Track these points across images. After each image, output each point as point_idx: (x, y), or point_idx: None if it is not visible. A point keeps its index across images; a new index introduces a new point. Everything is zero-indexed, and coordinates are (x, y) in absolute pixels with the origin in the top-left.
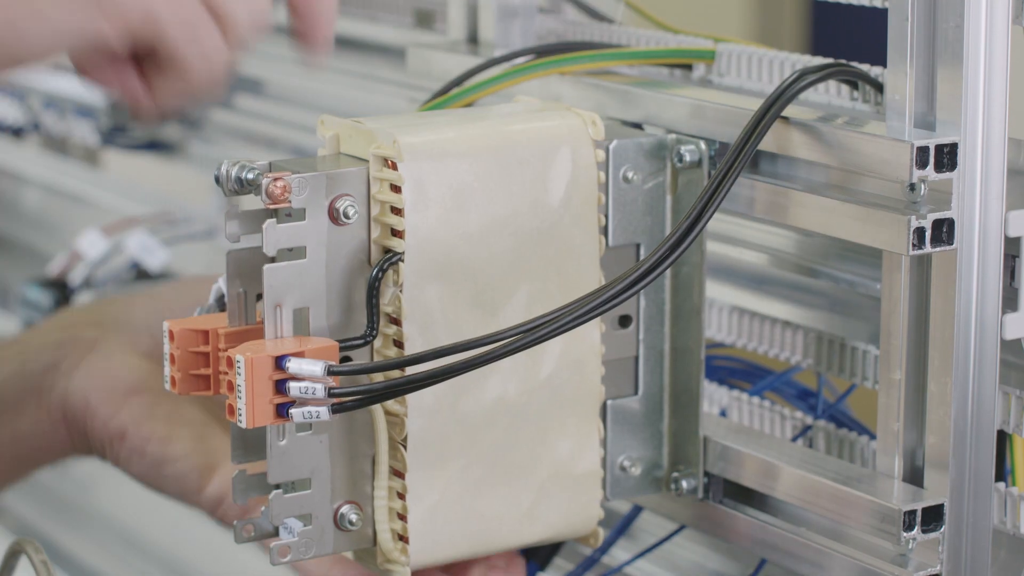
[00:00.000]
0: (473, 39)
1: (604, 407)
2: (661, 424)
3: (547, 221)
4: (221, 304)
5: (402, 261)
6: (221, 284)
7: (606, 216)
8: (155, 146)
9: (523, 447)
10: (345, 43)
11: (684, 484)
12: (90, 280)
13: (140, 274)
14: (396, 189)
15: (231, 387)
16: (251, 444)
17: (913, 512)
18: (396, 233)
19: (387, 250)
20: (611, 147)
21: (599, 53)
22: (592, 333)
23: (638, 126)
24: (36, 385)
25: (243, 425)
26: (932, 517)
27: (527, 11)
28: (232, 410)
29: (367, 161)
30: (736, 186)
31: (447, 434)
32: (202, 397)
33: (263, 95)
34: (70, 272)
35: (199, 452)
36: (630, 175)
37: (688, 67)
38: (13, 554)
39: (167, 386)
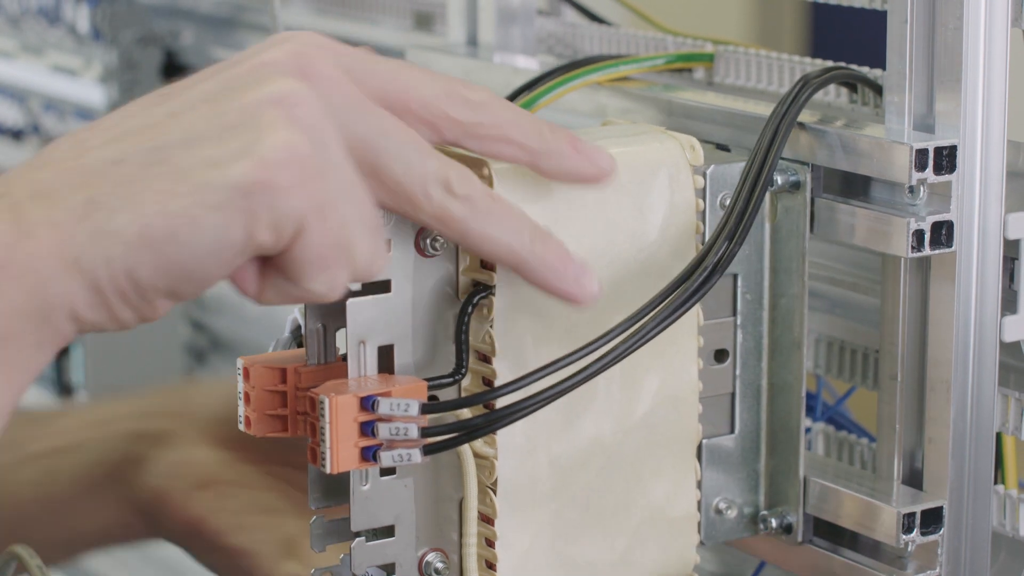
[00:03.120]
0: (473, 41)
1: (699, 447)
2: (758, 464)
3: (644, 251)
4: (297, 336)
5: (493, 295)
6: (297, 315)
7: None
8: None
9: (617, 490)
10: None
11: (773, 523)
12: None
13: None
14: None
15: (313, 430)
16: (330, 488)
17: (912, 514)
18: (486, 265)
19: (477, 283)
20: (708, 172)
21: (605, 64)
22: (689, 368)
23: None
24: (113, 477)
25: (327, 471)
26: (931, 519)
27: (526, 14)
28: (315, 455)
29: None
30: None
31: (539, 477)
32: (276, 480)
33: None
34: None
35: (273, 542)
36: (727, 202)
37: (688, 70)
38: (7, 562)
39: (241, 426)
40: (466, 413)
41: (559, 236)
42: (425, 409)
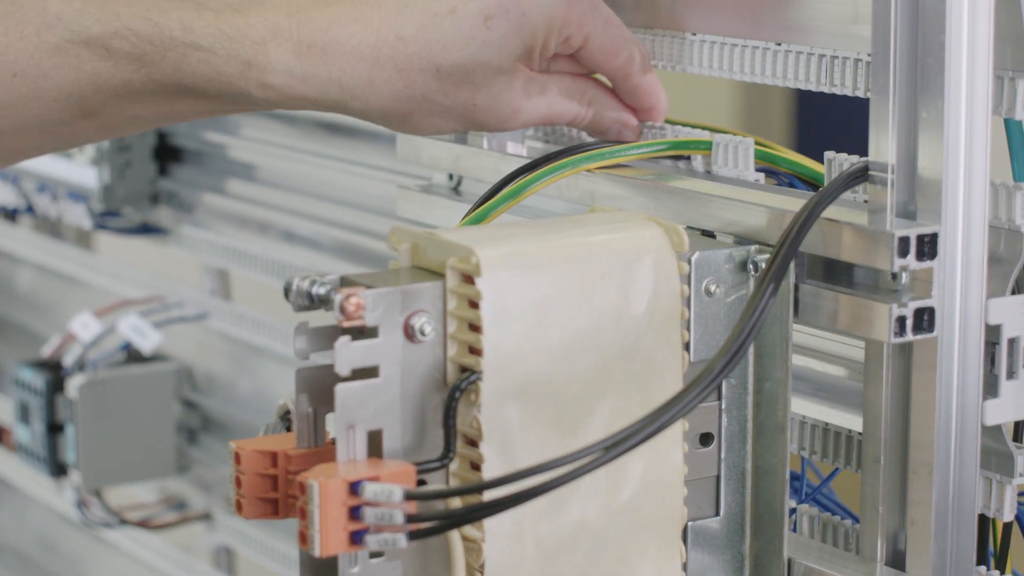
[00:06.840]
0: None
1: (684, 529)
2: (742, 546)
3: (629, 336)
4: (285, 420)
5: (480, 380)
6: (287, 401)
7: (688, 330)
8: (147, 229)
9: (604, 572)
10: (334, 128)
11: None
12: (83, 361)
13: (132, 356)
14: (474, 304)
15: (303, 513)
16: (321, 571)
17: None
18: (474, 351)
19: (464, 368)
20: (694, 259)
21: (607, 151)
22: (674, 452)
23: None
24: None
25: (316, 554)
26: None
27: None
28: (304, 537)
29: (442, 275)
30: None
31: (526, 559)
32: None
33: (253, 180)
34: (63, 353)
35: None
36: (712, 288)
37: (687, 157)
38: None
39: (233, 511)
40: (454, 498)
41: (545, 322)
42: (408, 496)
